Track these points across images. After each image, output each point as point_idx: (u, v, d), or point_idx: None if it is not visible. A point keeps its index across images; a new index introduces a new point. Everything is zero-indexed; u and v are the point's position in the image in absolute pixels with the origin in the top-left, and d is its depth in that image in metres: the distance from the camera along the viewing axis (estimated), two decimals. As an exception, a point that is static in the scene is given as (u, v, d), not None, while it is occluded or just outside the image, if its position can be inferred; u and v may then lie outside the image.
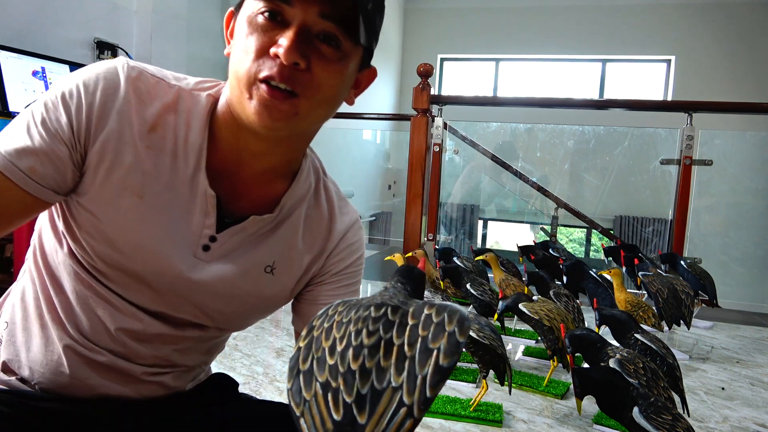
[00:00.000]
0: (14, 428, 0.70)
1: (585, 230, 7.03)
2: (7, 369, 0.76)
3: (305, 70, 0.63)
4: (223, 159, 0.71)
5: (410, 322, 0.48)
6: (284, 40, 0.61)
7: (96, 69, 0.68)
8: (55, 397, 0.74)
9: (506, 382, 1.64)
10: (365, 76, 0.74)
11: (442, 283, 2.64)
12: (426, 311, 0.48)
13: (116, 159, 0.66)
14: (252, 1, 0.63)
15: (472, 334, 1.63)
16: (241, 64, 0.64)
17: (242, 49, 0.64)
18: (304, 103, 0.64)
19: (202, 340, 0.80)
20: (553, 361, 1.86)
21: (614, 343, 1.63)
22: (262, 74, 0.62)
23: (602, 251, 2.95)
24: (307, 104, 0.65)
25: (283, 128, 0.65)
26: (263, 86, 0.62)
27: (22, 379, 0.75)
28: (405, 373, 0.45)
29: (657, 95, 7.28)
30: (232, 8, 0.71)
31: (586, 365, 1.62)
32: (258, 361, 1.98)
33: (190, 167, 0.70)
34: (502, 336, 1.95)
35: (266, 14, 0.62)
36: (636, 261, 2.56)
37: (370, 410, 0.44)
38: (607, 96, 7.48)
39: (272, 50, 0.62)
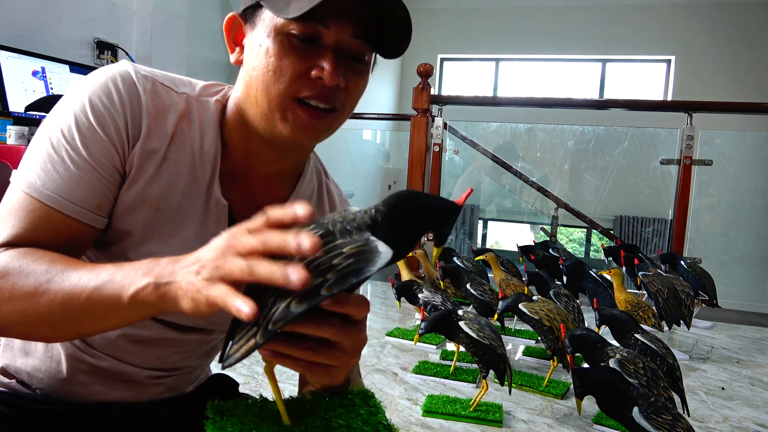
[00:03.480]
0: (15, 429, 0.70)
1: (585, 230, 7.03)
2: (6, 373, 0.76)
3: (343, 89, 0.64)
4: (232, 164, 0.71)
5: (318, 253, 0.47)
6: (326, 64, 0.62)
7: (111, 78, 0.65)
8: (56, 400, 0.74)
9: (506, 382, 1.64)
10: None
11: (442, 283, 2.64)
12: (335, 252, 0.47)
13: (138, 172, 0.66)
14: (279, 19, 0.62)
15: (471, 334, 1.63)
16: (273, 84, 0.63)
17: (273, 69, 0.62)
18: (338, 117, 0.66)
19: (204, 342, 0.81)
20: (553, 361, 1.86)
21: (614, 343, 1.63)
22: (302, 94, 0.63)
23: (602, 251, 2.95)
24: (340, 117, 0.67)
25: (315, 142, 0.68)
26: (301, 109, 0.63)
27: (21, 382, 0.75)
28: (273, 298, 0.47)
29: (657, 95, 7.27)
30: (233, 12, 0.69)
31: (586, 365, 1.62)
32: (258, 361, 1.98)
33: (207, 176, 0.69)
34: (502, 336, 1.95)
35: (300, 37, 0.62)
36: (636, 261, 2.56)
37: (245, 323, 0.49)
38: (607, 96, 7.47)
39: (313, 73, 0.62)
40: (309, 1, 0.58)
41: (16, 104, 2.27)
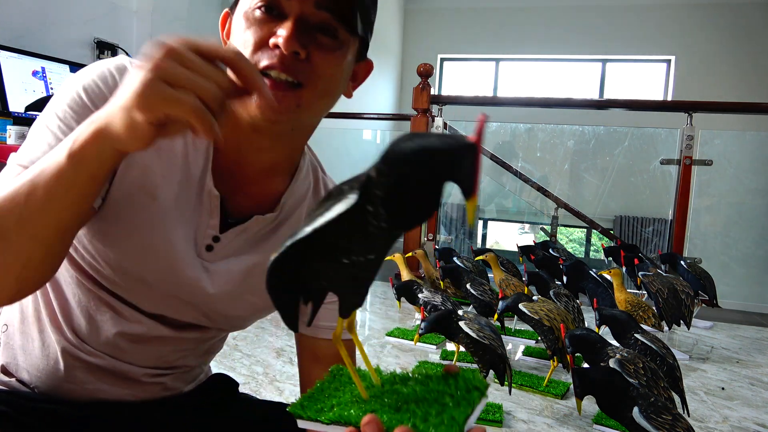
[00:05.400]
0: (15, 428, 0.70)
1: (585, 230, 7.03)
2: (6, 371, 0.76)
3: (305, 60, 0.63)
4: (225, 157, 0.71)
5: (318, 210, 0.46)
6: (283, 30, 0.61)
7: (106, 66, 0.66)
8: (54, 399, 0.74)
9: (506, 382, 1.64)
10: (362, 68, 0.75)
11: (442, 283, 2.64)
12: (327, 202, 0.45)
13: (132, 159, 0.66)
14: (250, 1, 0.64)
15: (471, 334, 1.63)
16: None
17: (240, 44, 0.64)
18: (307, 93, 0.64)
19: (202, 340, 0.80)
20: (553, 361, 1.86)
21: (614, 343, 1.63)
22: (262, 64, 0.62)
23: (602, 251, 2.95)
24: (310, 95, 0.65)
25: (286, 121, 0.65)
26: (264, 80, 0.63)
27: (21, 381, 0.75)
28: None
29: (657, 95, 7.28)
30: (227, 9, 0.71)
31: (586, 365, 1.62)
32: (258, 361, 1.98)
33: (200, 168, 0.70)
34: (502, 336, 1.95)
35: (263, 8, 0.63)
36: (636, 261, 2.56)
37: None
38: (607, 96, 7.47)
39: (271, 41, 0.62)
40: None
41: (16, 104, 2.27)
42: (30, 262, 0.56)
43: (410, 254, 2.83)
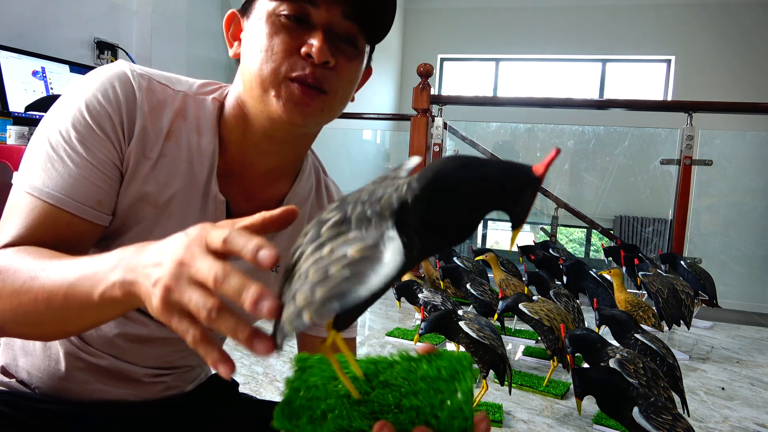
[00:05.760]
0: (15, 429, 0.70)
1: (585, 230, 7.03)
2: (6, 372, 0.76)
3: (332, 69, 0.64)
4: (230, 161, 0.72)
5: (324, 251, 0.40)
6: (315, 41, 0.62)
7: (107, 77, 0.65)
8: (55, 400, 0.74)
9: (506, 382, 1.64)
10: (364, 75, 0.75)
11: (442, 283, 2.64)
12: (337, 255, 0.38)
13: (135, 170, 0.66)
14: (270, 2, 0.64)
15: (471, 334, 1.63)
16: (265, 64, 0.64)
17: (264, 49, 0.64)
18: (330, 100, 0.66)
19: (203, 340, 0.80)
20: (553, 361, 1.86)
21: (614, 343, 1.63)
22: (294, 74, 0.63)
23: (602, 251, 2.95)
24: (332, 101, 0.66)
25: (310, 124, 0.67)
26: (295, 84, 0.63)
27: (21, 382, 0.75)
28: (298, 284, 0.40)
29: (657, 95, 7.27)
30: (233, 9, 0.71)
31: (586, 365, 1.62)
32: (258, 361, 1.98)
33: (204, 173, 0.70)
34: (502, 336, 1.95)
35: (291, 16, 0.63)
36: (636, 261, 2.56)
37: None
38: (607, 96, 7.47)
39: (303, 50, 0.63)
40: None
41: (16, 104, 2.27)
42: (58, 339, 0.63)
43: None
